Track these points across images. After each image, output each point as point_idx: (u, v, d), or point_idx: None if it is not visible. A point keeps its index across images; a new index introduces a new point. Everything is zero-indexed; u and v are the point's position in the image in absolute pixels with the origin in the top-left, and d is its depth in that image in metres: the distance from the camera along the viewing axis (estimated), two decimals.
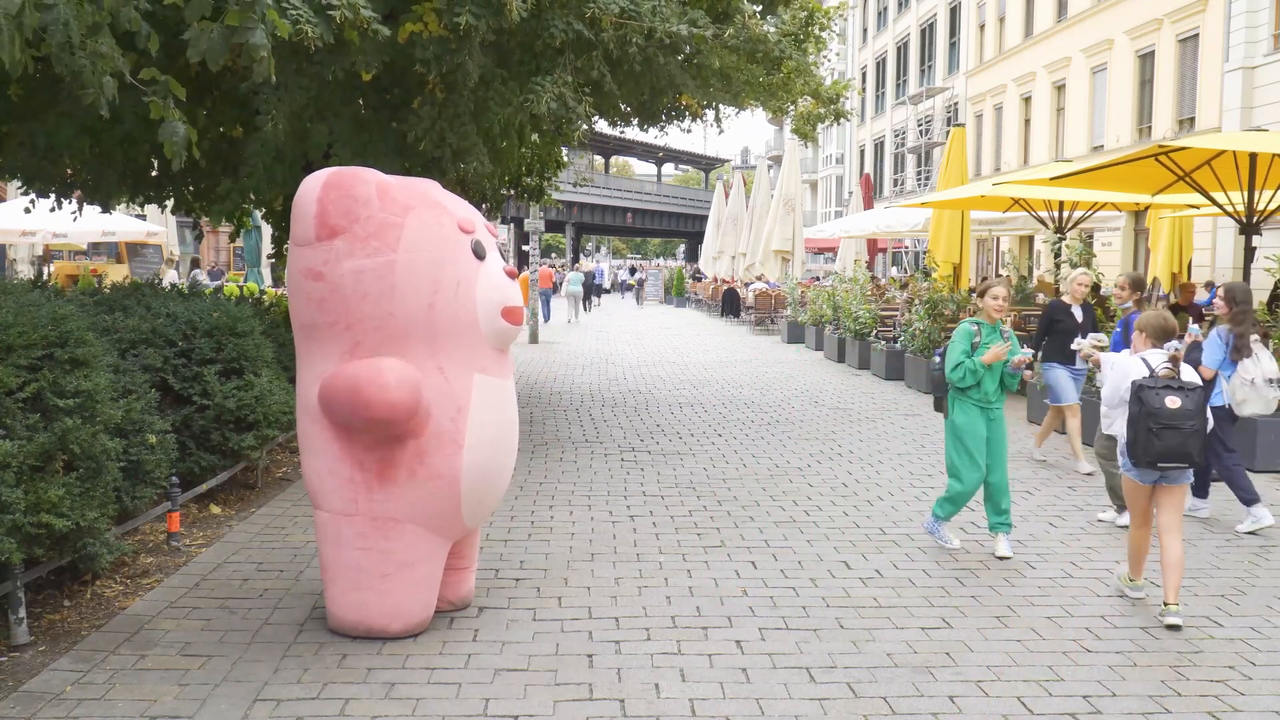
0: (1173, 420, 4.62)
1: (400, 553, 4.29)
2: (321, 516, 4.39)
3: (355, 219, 4.15)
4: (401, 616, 4.34)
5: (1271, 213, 9.72)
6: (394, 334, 4.17)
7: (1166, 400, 4.66)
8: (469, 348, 4.29)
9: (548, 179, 12.70)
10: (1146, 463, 4.69)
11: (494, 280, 4.33)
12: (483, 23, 6.45)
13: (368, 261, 4.13)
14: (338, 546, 4.33)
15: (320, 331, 4.27)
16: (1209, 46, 21.54)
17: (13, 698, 3.79)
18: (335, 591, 4.38)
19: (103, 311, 6.20)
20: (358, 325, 4.18)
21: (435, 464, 4.23)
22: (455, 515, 4.37)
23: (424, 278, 4.16)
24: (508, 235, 65.43)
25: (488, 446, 4.36)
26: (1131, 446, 4.76)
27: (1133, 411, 4.74)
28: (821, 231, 30.18)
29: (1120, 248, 24.84)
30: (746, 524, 6.41)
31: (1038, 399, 10.28)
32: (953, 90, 36.91)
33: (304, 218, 4.22)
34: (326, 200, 4.17)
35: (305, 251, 4.24)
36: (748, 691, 3.92)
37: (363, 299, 4.15)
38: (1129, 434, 4.79)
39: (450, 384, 4.24)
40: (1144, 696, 3.92)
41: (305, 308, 4.30)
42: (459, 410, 4.25)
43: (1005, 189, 12.55)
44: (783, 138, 52.90)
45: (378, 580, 4.30)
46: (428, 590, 4.42)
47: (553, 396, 12.34)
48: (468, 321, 4.26)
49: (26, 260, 21.22)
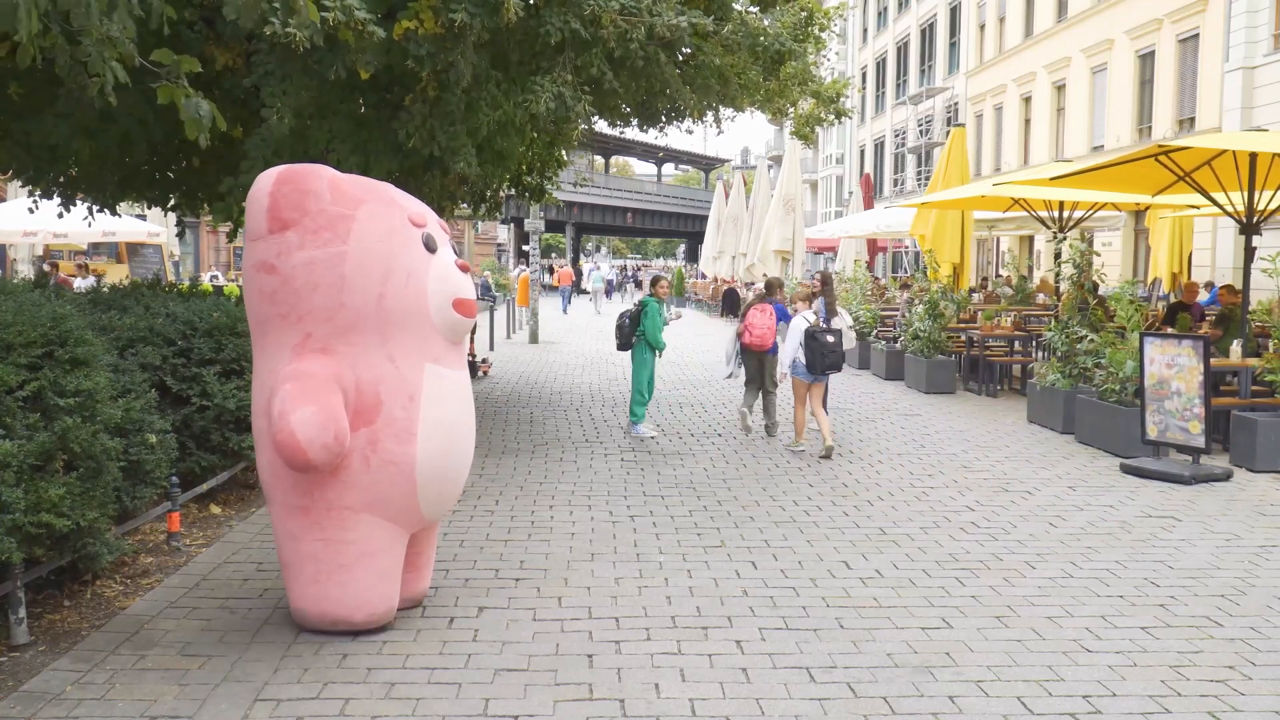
0: (830, 348, 8.54)
1: (359, 543, 4.31)
2: (277, 510, 4.40)
3: (306, 211, 4.19)
4: (364, 607, 4.36)
5: (1271, 213, 9.71)
6: (344, 325, 4.21)
7: (826, 338, 8.55)
8: (420, 338, 4.33)
9: (548, 178, 12.71)
10: (819, 371, 8.59)
11: (445, 272, 4.38)
12: (478, 21, 6.44)
13: (318, 253, 4.18)
14: (295, 539, 4.34)
15: (273, 324, 4.30)
16: (1209, 46, 21.54)
17: (13, 698, 3.79)
18: (296, 585, 4.40)
19: (101, 311, 6.20)
20: (309, 317, 4.21)
21: (389, 451, 4.25)
22: (412, 504, 4.38)
23: (374, 269, 4.21)
24: (508, 235, 65.47)
25: (442, 435, 4.38)
26: (810, 364, 8.57)
27: (809, 346, 8.55)
28: (822, 231, 30.19)
29: (1120, 248, 24.85)
30: (746, 524, 6.41)
31: (1038, 400, 10.28)
32: (953, 90, 36.91)
33: (257, 212, 4.26)
34: (278, 194, 4.21)
35: (258, 245, 4.28)
36: (748, 691, 3.92)
37: (313, 290, 4.19)
38: (806, 357, 8.57)
39: (401, 372, 4.28)
40: (1144, 696, 3.92)
41: (258, 301, 4.33)
42: (410, 399, 4.28)
43: (1005, 189, 12.56)
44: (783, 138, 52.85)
45: (337, 571, 4.31)
46: (389, 581, 4.43)
47: (553, 396, 12.34)
48: (418, 312, 4.30)
49: (27, 260, 21.22)
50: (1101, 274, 11.63)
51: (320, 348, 4.22)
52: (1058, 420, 9.79)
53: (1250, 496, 7.26)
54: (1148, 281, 18.09)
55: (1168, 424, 8.00)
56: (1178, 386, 7.92)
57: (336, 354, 4.22)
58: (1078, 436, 9.36)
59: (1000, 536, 6.16)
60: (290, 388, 4.08)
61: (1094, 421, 9.06)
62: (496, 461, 8.27)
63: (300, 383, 4.09)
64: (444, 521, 6.26)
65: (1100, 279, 12.00)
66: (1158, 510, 6.83)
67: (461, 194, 11.33)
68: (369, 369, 4.24)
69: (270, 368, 4.30)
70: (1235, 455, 8.28)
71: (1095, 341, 9.41)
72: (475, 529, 6.20)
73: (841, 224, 27.21)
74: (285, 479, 4.30)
